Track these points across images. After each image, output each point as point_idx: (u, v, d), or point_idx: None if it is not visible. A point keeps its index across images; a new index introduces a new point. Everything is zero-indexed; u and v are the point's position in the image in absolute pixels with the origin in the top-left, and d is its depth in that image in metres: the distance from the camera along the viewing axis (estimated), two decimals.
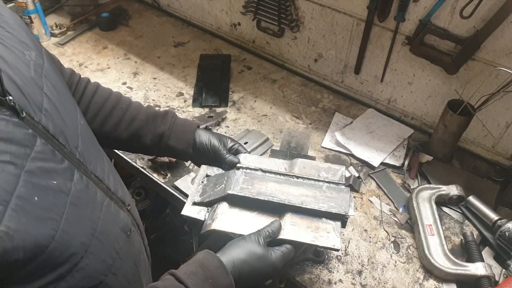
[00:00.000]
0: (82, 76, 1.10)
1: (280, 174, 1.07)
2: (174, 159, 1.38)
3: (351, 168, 1.45)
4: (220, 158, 1.09)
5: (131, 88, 1.73)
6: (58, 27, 1.99)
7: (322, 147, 1.53)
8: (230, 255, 0.86)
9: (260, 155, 1.44)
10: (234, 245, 0.89)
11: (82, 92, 1.06)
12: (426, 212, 1.26)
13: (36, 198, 0.59)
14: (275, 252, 0.91)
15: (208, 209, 1.03)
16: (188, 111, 1.64)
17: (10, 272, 0.56)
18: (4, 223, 0.53)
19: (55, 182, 0.64)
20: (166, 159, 1.38)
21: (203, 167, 1.16)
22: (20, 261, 0.56)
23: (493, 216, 1.23)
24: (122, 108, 1.08)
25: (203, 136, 1.10)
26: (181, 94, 1.72)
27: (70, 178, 0.68)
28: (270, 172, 1.08)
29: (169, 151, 1.10)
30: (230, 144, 1.13)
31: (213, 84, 1.74)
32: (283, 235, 0.94)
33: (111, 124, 1.06)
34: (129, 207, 0.90)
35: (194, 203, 1.04)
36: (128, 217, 0.87)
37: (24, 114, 0.63)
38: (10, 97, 0.61)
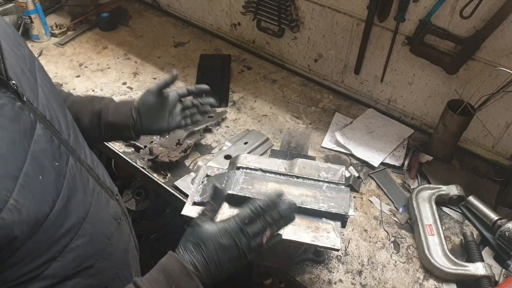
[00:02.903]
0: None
1: (280, 174, 1.08)
2: (173, 159, 1.37)
3: (351, 168, 1.45)
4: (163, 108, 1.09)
5: (131, 88, 1.73)
6: (58, 27, 1.99)
7: (322, 147, 1.53)
8: (192, 254, 0.78)
9: (260, 155, 1.44)
10: (192, 239, 0.80)
11: None
12: (426, 212, 1.26)
13: (40, 177, 0.63)
14: (227, 223, 0.79)
15: None
16: None
17: (12, 249, 0.59)
18: (14, 197, 0.57)
19: (56, 163, 0.68)
20: (166, 158, 1.37)
21: (203, 167, 1.16)
22: (22, 236, 0.59)
23: (493, 216, 1.23)
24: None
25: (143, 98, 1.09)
26: None
27: (66, 162, 0.72)
28: (270, 172, 1.08)
29: (111, 129, 1.06)
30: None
31: (213, 84, 1.73)
32: (283, 235, 0.94)
33: None
34: (117, 197, 0.93)
35: (194, 203, 1.04)
36: (118, 206, 0.91)
37: (25, 99, 0.67)
38: (13, 81, 0.65)
